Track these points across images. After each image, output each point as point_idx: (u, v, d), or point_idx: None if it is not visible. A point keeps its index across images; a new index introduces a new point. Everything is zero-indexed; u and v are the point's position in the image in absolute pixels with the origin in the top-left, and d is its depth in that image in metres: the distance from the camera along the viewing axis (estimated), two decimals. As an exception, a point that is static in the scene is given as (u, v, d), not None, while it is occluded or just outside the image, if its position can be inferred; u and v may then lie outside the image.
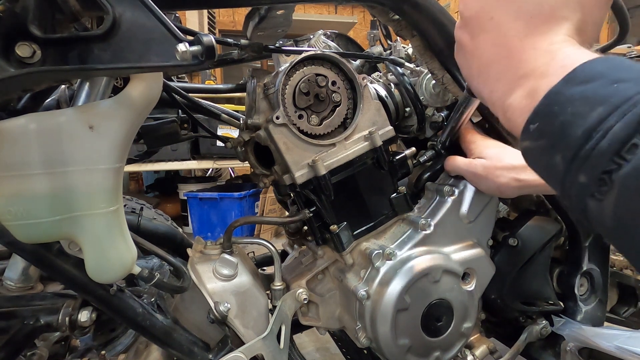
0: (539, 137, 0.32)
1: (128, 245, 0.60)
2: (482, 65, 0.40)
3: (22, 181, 0.51)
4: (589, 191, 0.28)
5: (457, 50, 0.45)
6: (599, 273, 0.91)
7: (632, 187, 0.25)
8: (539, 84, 0.33)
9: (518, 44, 0.36)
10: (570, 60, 0.32)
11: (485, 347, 0.83)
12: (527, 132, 0.33)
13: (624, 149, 0.26)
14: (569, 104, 0.29)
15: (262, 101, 0.73)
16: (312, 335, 1.71)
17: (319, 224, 0.77)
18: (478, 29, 0.40)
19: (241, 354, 0.70)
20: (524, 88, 0.35)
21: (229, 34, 5.41)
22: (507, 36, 0.37)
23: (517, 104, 0.35)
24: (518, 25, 0.36)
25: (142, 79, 0.55)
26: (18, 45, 0.42)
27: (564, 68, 0.31)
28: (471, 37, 0.41)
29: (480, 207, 0.79)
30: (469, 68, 0.43)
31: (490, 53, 0.39)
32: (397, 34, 0.78)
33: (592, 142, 0.27)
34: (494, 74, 0.38)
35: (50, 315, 0.67)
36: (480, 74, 0.41)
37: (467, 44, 0.42)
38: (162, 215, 1.46)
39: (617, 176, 0.26)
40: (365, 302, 0.73)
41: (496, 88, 0.38)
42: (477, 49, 0.40)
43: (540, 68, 0.34)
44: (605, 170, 0.27)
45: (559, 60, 0.33)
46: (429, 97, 0.85)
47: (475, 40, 0.40)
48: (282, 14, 0.71)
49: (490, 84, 0.39)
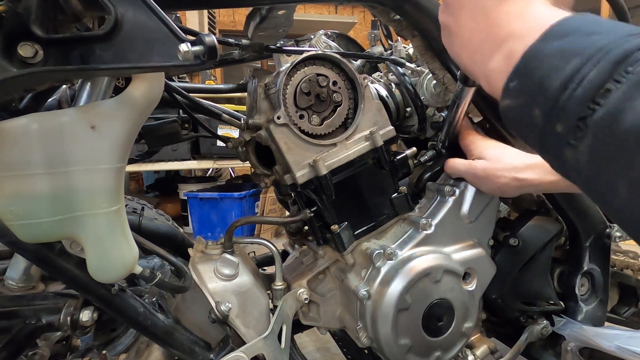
0: (518, 94, 0.33)
1: (129, 245, 0.60)
2: (464, 40, 0.42)
3: (24, 181, 0.51)
4: (565, 140, 0.29)
5: (443, 35, 0.47)
6: (599, 273, 0.91)
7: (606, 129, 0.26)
8: (516, 45, 0.34)
9: (494, 12, 0.38)
10: (543, 19, 0.33)
11: (486, 347, 0.83)
12: (507, 90, 0.34)
13: (597, 94, 0.27)
14: (546, 59, 0.31)
15: (263, 101, 0.74)
16: (313, 335, 1.71)
17: (319, 224, 0.77)
18: (458, 8, 0.42)
19: (242, 354, 0.70)
20: (502, 51, 0.36)
21: (229, 34, 5.41)
22: (484, 7, 0.39)
23: (496, 67, 0.36)
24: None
25: (144, 79, 0.55)
26: (20, 45, 0.42)
27: (539, 26, 0.33)
28: (453, 17, 0.43)
29: (481, 207, 0.79)
30: (454, 47, 0.45)
31: (470, 26, 0.41)
32: (397, 34, 0.78)
33: (568, 91, 0.28)
34: (475, 44, 0.40)
35: (51, 315, 0.67)
36: (464, 48, 0.43)
37: (450, 24, 0.44)
38: (162, 215, 1.46)
39: (591, 121, 0.27)
40: (366, 302, 0.73)
41: (478, 58, 0.40)
42: (459, 26, 0.42)
43: (516, 30, 0.35)
44: (580, 116, 0.27)
45: (533, 20, 0.35)
46: (429, 97, 0.86)
47: (456, 18, 0.43)
48: (283, 14, 0.71)
49: (473, 55, 0.41)
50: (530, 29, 0.34)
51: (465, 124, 0.80)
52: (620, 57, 0.27)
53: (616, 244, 0.97)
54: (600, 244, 0.90)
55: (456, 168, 0.78)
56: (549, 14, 0.34)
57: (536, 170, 0.69)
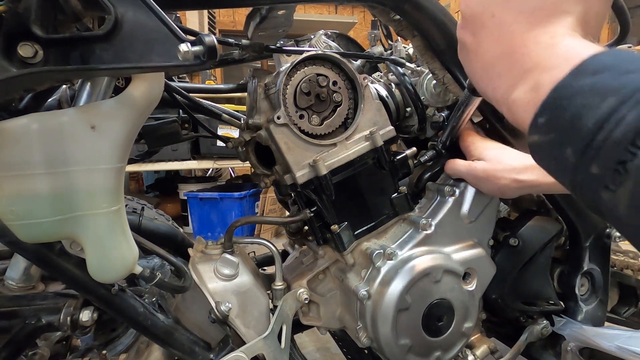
0: (548, 131, 0.31)
1: (129, 245, 0.60)
2: (485, 63, 0.40)
3: (24, 181, 0.51)
4: (602, 182, 0.27)
5: (460, 50, 0.44)
6: (599, 273, 0.91)
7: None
8: (544, 78, 0.32)
9: (520, 40, 0.36)
10: (574, 52, 0.32)
11: (485, 347, 0.83)
12: (535, 126, 0.32)
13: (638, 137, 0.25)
14: (578, 96, 0.29)
15: (263, 101, 0.74)
16: (313, 335, 1.71)
17: (319, 224, 0.77)
18: (480, 28, 0.40)
19: (242, 354, 0.70)
20: (528, 82, 0.34)
21: (229, 34, 5.41)
22: (510, 32, 0.37)
23: (521, 99, 0.35)
24: (520, 20, 0.36)
25: (144, 79, 0.55)
26: (20, 45, 0.42)
27: (568, 61, 0.31)
28: (473, 36, 0.41)
29: (481, 207, 0.79)
30: (472, 67, 0.43)
31: (493, 50, 0.38)
32: (397, 34, 0.78)
33: (604, 132, 0.27)
34: (497, 70, 0.38)
35: (51, 315, 0.67)
36: (484, 72, 0.40)
37: (469, 43, 0.42)
38: (162, 215, 1.46)
39: (632, 165, 0.26)
40: (366, 302, 0.73)
41: (500, 84, 0.38)
42: (480, 47, 0.40)
43: (544, 62, 0.33)
44: (620, 160, 0.26)
45: (563, 53, 0.33)
46: (429, 97, 0.86)
47: (477, 38, 0.40)
48: (283, 14, 0.71)
49: (494, 81, 0.39)
50: (560, 61, 0.32)
51: (465, 125, 0.80)
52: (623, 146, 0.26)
53: (616, 244, 0.97)
54: (600, 244, 0.90)
55: (456, 169, 0.78)
56: (581, 47, 0.32)
57: (536, 172, 0.69)
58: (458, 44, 0.45)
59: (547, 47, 0.34)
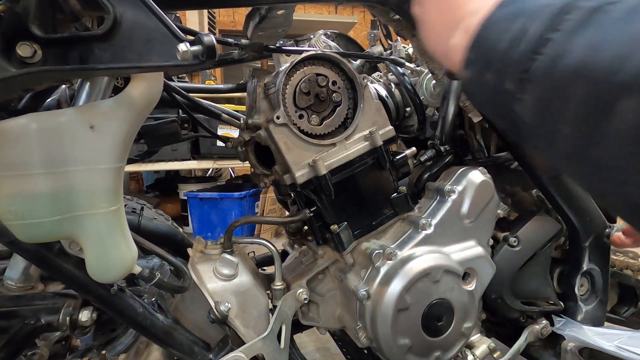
0: (474, 64, 0.34)
1: (129, 245, 0.60)
2: (431, 26, 0.44)
3: (23, 181, 0.51)
4: (513, 96, 0.29)
5: (419, 27, 0.48)
6: (599, 273, 0.91)
7: (547, 75, 0.26)
8: (473, 20, 0.35)
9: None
10: (475, 10, 0.35)
11: (485, 346, 0.83)
12: (466, 63, 0.35)
13: (539, 45, 0.27)
14: (497, 25, 0.32)
15: (263, 101, 0.74)
16: (313, 335, 1.71)
17: (319, 224, 0.77)
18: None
19: (242, 354, 0.70)
20: (461, 27, 0.37)
21: (229, 34, 5.41)
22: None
23: (456, 43, 0.37)
24: None
25: (143, 79, 0.55)
26: (19, 45, 0.42)
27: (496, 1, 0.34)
28: (422, 7, 0.46)
29: (480, 207, 0.79)
30: (425, 35, 0.46)
31: (435, 13, 0.43)
32: (397, 33, 0.78)
33: (513, 49, 0.29)
34: (438, 27, 0.42)
35: (50, 315, 0.67)
36: (431, 33, 0.44)
37: (420, 14, 0.46)
38: (162, 215, 1.46)
39: (533, 71, 0.27)
40: (365, 302, 0.73)
41: (442, 39, 0.41)
42: (427, 14, 0.45)
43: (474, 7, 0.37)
44: (524, 69, 0.28)
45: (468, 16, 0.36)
46: (429, 97, 0.86)
47: (424, 7, 0.45)
48: (282, 14, 0.71)
49: (437, 37, 0.43)
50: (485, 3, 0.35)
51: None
52: (559, 9, 0.28)
53: (616, 244, 0.97)
54: (600, 243, 0.90)
55: None
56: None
57: None
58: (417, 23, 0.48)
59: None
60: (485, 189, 0.78)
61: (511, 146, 0.82)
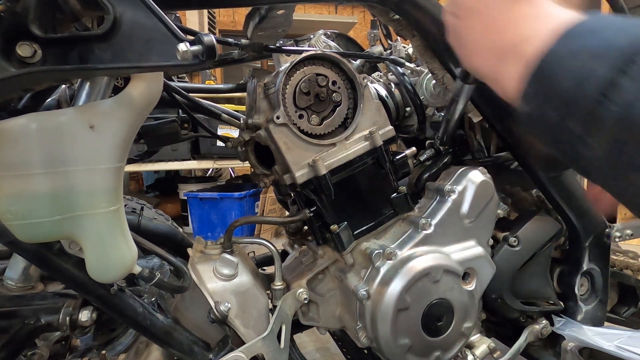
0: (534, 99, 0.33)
1: (128, 245, 0.60)
2: (474, 45, 0.42)
3: (23, 181, 0.51)
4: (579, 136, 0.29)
5: (451, 37, 0.46)
6: (599, 273, 0.91)
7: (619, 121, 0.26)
8: (527, 49, 0.34)
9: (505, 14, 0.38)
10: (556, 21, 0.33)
11: (485, 346, 0.83)
12: (525, 97, 0.34)
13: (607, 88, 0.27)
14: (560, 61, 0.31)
15: (263, 101, 0.73)
16: (313, 335, 1.71)
17: (319, 224, 0.77)
18: (468, 10, 0.42)
19: (241, 354, 0.70)
20: (516, 55, 0.35)
21: (229, 34, 5.41)
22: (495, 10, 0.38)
23: (511, 72, 0.36)
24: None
25: (143, 79, 0.55)
26: (19, 45, 0.42)
27: (551, 29, 0.32)
28: (462, 19, 0.43)
29: (480, 207, 0.79)
30: (463, 49, 0.44)
31: (478, 30, 0.40)
32: (397, 33, 0.78)
33: (579, 88, 0.28)
34: (485, 49, 0.40)
35: (50, 315, 0.67)
36: (474, 50, 0.42)
37: (458, 25, 0.43)
38: (162, 215, 1.46)
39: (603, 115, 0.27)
40: (365, 301, 0.73)
41: (488, 60, 0.39)
42: (468, 28, 0.42)
43: (529, 33, 0.35)
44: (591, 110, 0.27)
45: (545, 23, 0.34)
46: (429, 96, 0.86)
47: (465, 21, 0.42)
48: (282, 13, 0.71)
49: (483, 57, 0.40)
50: (543, 32, 0.33)
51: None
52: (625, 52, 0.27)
53: (616, 244, 0.97)
54: (600, 243, 0.90)
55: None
56: (561, 15, 0.34)
57: None
58: (448, 31, 0.46)
59: (529, 19, 0.36)
60: (485, 189, 0.78)
61: (511, 146, 0.82)
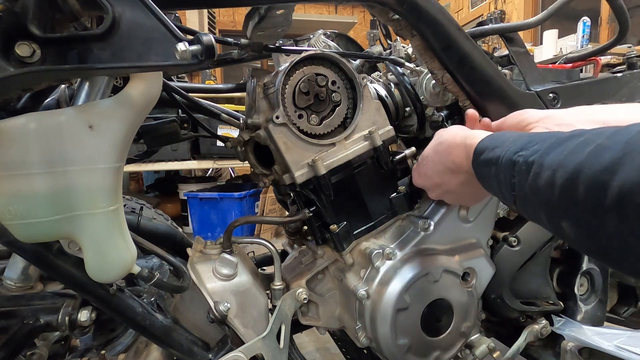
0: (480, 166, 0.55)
1: (128, 245, 0.60)
2: (428, 173, 0.70)
3: (22, 180, 0.51)
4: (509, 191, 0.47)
5: (414, 178, 0.75)
6: (598, 273, 0.91)
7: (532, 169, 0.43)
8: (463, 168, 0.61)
9: (446, 158, 0.64)
10: (469, 151, 0.57)
11: (485, 346, 0.83)
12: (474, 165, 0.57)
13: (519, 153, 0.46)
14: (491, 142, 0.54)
15: (262, 101, 0.73)
16: (312, 335, 1.71)
17: (318, 224, 0.77)
18: (425, 165, 0.71)
19: (241, 354, 0.70)
20: (455, 175, 0.64)
21: (229, 33, 5.41)
22: (440, 157, 0.66)
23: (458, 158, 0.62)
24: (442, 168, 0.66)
25: (142, 79, 0.55)
26: (18, 44, 0.42)
27: (469, 155, 0.58)
28: (422, 171, 0.72)
29: (480, 207, 0.79)
30: (421, 178, 0.73)
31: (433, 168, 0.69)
32: (396, 33, 0.77)
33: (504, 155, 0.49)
34: (435, 174, 0.69)
35: (50, 315, 0.67)
36: (427, 177, 0.71)
37: (420, 174, 0.73)
38: (162, 215, 1.45)
39: (520, 163, 0.45)
40: (365, 301, 0.73)
41: (437, 179, 0.68)
42: (427, 169, 0.70)
43: (457, 162, 0.61)
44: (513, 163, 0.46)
45: (466, 153, 0.59)
46: (429, 96, 0.85)
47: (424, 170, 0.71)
48: (281, 13, 0.71)
49: (433, 179, 0.70)
50: (466, 157, 0.58)
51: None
52: (509, 162, 0.46)
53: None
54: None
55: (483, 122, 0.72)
56: (469, 142, 0.58)
57: None
58: (413, 178, 0.75)
59: (456, 156, 0.61)
60: (484, 189, 0.78)
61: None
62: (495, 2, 4.96)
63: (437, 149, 0.67)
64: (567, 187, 0.37)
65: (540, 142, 0.43)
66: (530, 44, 3.96)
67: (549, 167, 0.40)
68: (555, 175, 0.38)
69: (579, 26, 3.13)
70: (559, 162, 0.38)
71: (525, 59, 0.85)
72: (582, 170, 0.35)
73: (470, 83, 0.76)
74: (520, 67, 0.84)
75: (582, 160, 0.36)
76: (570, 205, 0.37)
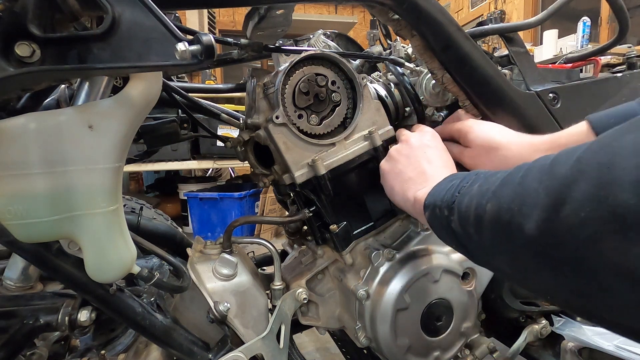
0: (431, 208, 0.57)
1: (127, 245, 0.60)
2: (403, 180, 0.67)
3: (22, 180, 0.51)
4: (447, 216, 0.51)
5: (382, 178, 0.71)
6: (598, 273, 0.91)
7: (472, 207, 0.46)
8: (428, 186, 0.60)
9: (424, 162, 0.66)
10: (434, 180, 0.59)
11: (485, 346, 0.83)
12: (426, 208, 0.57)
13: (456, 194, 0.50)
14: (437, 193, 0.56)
15: (262, 101, 0.73)
16: (312, 335, 1.71)
17: (318, 224, 0.77)
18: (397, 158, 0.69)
19: (241, 354, 0.70)
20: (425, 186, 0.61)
21: (229, 33, 5.41)
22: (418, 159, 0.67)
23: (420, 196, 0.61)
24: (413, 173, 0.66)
25: (142, 79, 0.55)
26: (17, 44, 0.42)
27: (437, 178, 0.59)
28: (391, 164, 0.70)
29: (480, 207, 0.79)
30: (392, 184, 0.69)
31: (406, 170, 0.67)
32: (396, 33, 0.77)
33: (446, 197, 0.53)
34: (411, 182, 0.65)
35: (49, 315, 0.67)
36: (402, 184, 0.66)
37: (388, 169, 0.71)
38: (162, 215, 1.45)
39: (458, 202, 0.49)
40: (364, 301, 0.73)
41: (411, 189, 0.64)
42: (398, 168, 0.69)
43: (430, 178, 0.62)
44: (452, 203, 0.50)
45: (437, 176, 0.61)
46: (428, 96, 0.85)
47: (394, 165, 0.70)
48: (281, 13, 0.71)
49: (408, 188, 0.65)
50: (435, 178, 0.60)
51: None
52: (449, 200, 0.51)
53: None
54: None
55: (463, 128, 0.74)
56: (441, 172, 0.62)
57: None
58: (381, 175, 0.71)
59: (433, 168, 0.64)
60: (484, 189, 0.78)
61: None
62: (495, 2, 4.97)
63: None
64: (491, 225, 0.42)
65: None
66: (530, 44, 3.96)
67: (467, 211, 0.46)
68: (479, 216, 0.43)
69: (579, 26, 3.14)
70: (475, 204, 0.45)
71: (525, 59, 0.85)
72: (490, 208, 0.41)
73: (470, 83, 0.76)
74: (520, 67, 0.84)
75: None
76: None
